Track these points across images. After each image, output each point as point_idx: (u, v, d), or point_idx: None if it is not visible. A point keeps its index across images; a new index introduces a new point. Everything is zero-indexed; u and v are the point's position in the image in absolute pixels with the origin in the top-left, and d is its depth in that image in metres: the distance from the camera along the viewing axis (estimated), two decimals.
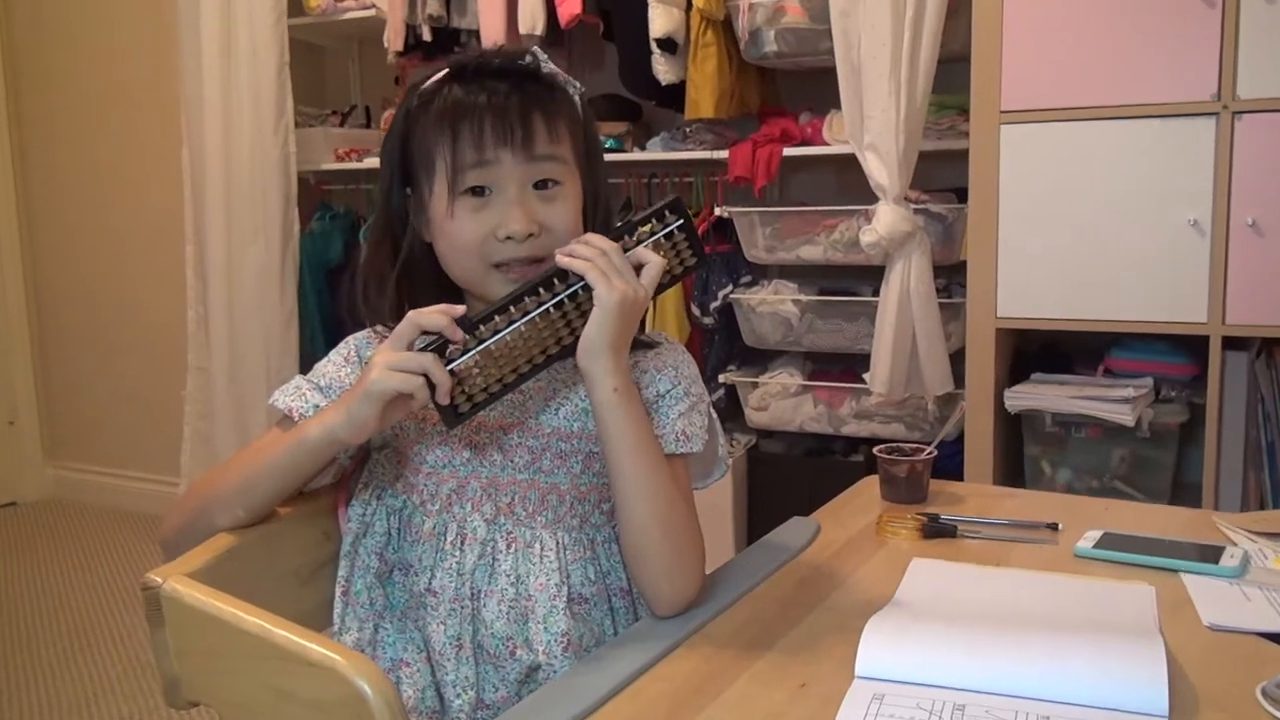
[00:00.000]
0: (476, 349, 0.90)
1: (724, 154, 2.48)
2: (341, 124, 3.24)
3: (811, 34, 2.31)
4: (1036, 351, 2.26)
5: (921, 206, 2.28)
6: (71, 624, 2.73)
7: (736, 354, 2.64)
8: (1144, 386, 2.06)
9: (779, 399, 2.53)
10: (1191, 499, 2.03)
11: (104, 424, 3.75)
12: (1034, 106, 2.01)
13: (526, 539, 0.97)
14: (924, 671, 0.80)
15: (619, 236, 0.94)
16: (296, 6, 3.02)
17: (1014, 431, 2.17)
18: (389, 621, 0.99)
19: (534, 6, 2.56)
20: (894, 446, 1.30)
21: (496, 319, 0.91)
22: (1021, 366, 2.21)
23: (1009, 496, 1.35)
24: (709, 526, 1.00)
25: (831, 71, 2.22)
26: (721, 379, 2.58)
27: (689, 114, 2.47)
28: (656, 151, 2.61)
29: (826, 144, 2.42)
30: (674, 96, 2.51)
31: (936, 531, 1.16)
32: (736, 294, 2.52)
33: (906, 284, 2.21)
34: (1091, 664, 0.79)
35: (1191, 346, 2.04)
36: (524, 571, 0.97)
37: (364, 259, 1.05)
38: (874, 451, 1.31)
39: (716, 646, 0.89)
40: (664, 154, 2.59)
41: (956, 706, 0.76)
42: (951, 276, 2.36)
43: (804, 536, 1.14)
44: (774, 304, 2.49)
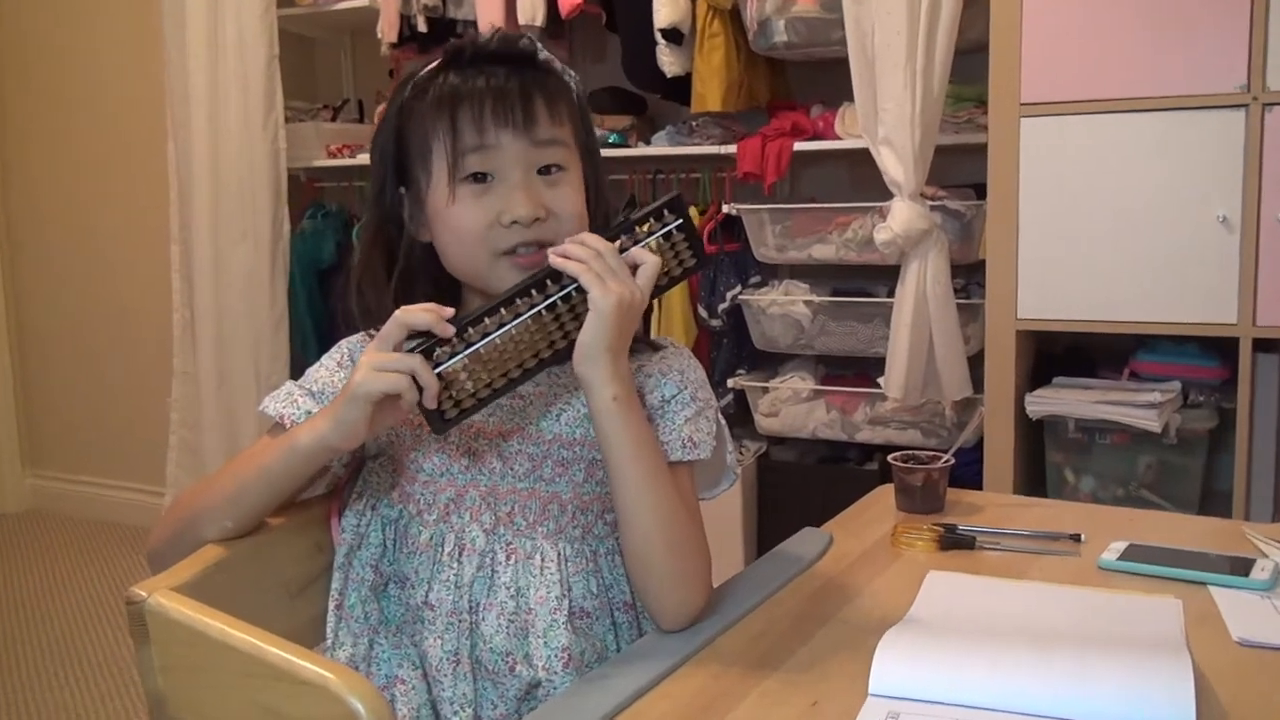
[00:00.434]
0: (465, 352, 0.90)
1: (732, 149, 2.47)
2: (333, 119, 3.23)
3: (823, 23, 2.30)
4: (1059, 354, 2.25)
5: (938, 203, 2.26)
6: (53, 640, 2.71)
7: (745, 357, 2.63)
8: (1171, 391, 2.05)
9: (790, 404, 2.52)
10: (1221, 508, 2.01)
11: (86, 431, 3.72)
12: (1055, 98, 1.99)
13: (527, 550, 0.97)
14: (940, 689, 0.80)
15: (615, 236, 0.94)
16: None
17: (1035, 438, 2.16)
18: (384, 637, 0.99)
19: None
20: (910, 454, 1.30)
21: (486, 321, 0.91)
22: (1043, 370, 2.20)
23: (1030, 506, 1.36)
24: (717, 537, 1.00)
25: (844, 62, 2.21)
26: (730, 384, 2.57)
27: (695, 107, 2.47)
28: (662, 146, 2.60)
29: (839, 138, 2.42)
30: (680, 89, 2.51)
31: (954, 543, 1.16)
32: (745, 295, 2.52)
33: (923, 284, 2.19)
34: (1115, 681, 0.79)
35: (1221, 349, 2.03)
36: (524, 584, 0.96)
37: (357, 260, 1.04)
38: (889, 459, 1.31)
39: (724, 663, 0.89)
40: (669, 149, 2.58)
41: None
42: (970, 276, 2.35)
43: (816, 548, 1.15)
44: (784, 305, 2.48)
